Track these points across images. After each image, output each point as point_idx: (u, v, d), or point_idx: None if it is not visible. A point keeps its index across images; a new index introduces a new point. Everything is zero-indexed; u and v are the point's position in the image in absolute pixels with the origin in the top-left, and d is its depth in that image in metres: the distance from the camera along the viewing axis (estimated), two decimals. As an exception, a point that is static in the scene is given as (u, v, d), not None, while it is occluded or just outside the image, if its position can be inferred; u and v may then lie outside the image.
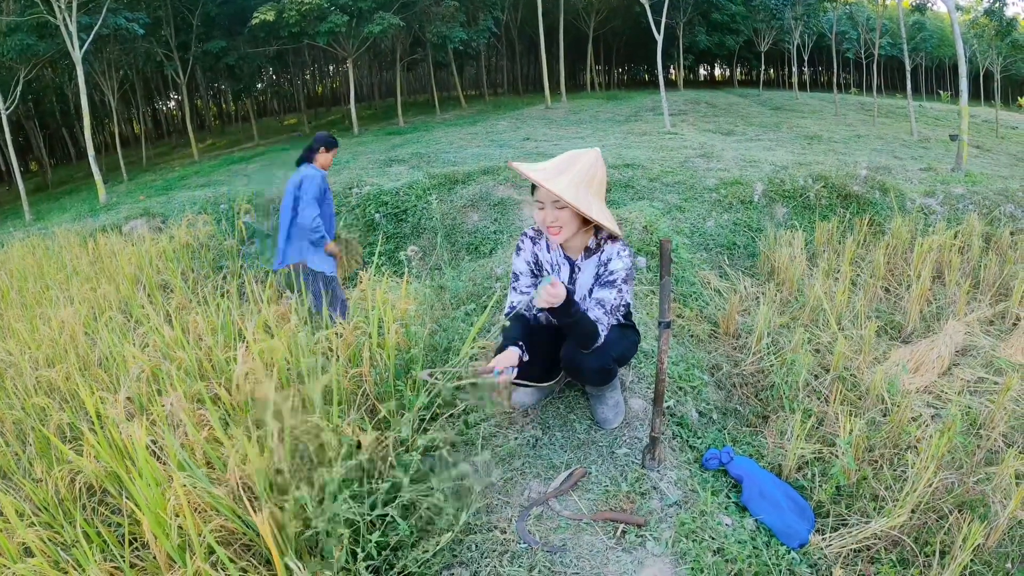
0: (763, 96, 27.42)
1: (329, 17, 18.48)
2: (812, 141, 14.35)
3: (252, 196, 9.17)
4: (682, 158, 9.99)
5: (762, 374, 4.20)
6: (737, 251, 6.73)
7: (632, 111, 20.25)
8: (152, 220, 9.77)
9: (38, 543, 2.34)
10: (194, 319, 3.90)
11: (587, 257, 2.84)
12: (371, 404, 3.06)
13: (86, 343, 4.58)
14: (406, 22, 21.18)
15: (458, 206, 8.08)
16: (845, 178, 7.97)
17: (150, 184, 17.29)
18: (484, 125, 18.68)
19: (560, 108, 22.52)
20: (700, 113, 20.01)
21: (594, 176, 2.68)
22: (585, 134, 15.34)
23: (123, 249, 7.61)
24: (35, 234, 11.15)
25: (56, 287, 6.67)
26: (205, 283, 6.75)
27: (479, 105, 28.23)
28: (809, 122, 18.90)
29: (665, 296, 2.52)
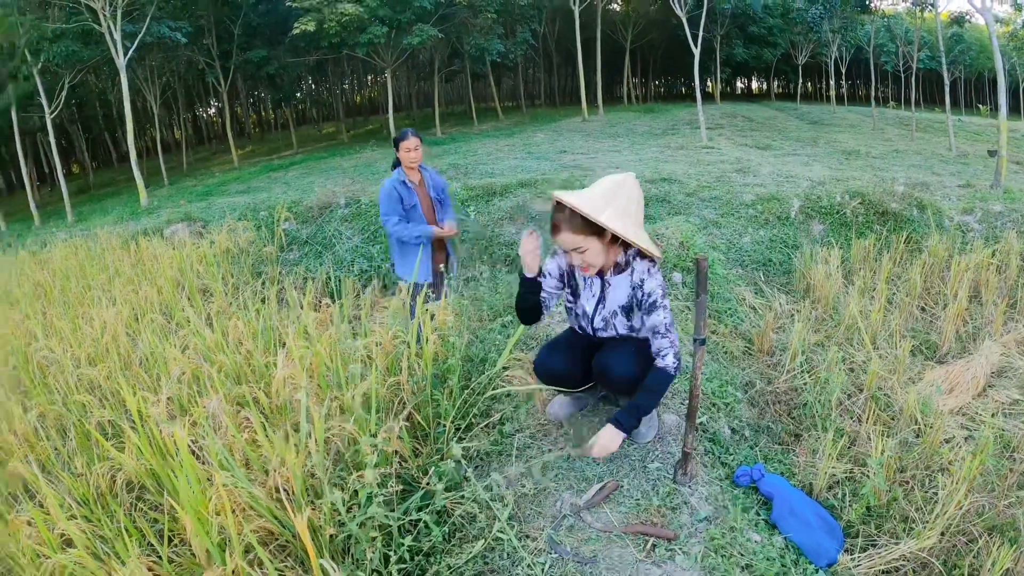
0: (801, 110, 27.23)
1: (369, 28, 18.67)
2: (850, 156, 14.21)
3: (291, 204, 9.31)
4: (719, 173, 9.96)
5: (795, 392, 4.18)
6: (773, 268, 6.69)
7: (669, 124, 20.21)
8: (193, 225, 9.94)
9: (79, 535, 2.40)
10: (234, 323, 3.98)
11: (617, 273, 2.86)
12: (408, 412, 3.10)
13: (127, 343, 4.68)
14: (444, 34, 21.35)
15: (495, 218, 8.13)
16: (882, 195, 7.88)
17: (190, 189, 17.60)
18: (521, 137, 18.75)
19: (597, 121, 22.53)
20: (737, 127, 19.91)
21: (636, 203, 2.71)
22: (622, 147, 15.34)
23: (164, 252, 7.76)
24: (77, 235, 11.41)
25: (98, 287, 6.82)
26: (244, 288, 6.87)
27: (516, 116, 28.34)
28: (847, 137, 18.71)
29: (701, 313, 2.54)
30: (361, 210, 8.65)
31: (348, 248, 7.99)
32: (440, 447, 2.95)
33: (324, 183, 11.93)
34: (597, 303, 2.94)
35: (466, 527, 2.56)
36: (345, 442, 2.71)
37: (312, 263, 7.88)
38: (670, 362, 2.74)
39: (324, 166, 17.34)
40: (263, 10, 23.24)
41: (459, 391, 3.16)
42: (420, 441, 3.07)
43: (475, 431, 3.11)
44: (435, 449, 2.97)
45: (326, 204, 9.03)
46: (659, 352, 2.76)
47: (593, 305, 2.96)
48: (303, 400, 2.44)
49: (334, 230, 8.43)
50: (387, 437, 2.64)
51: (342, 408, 2.87)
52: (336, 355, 3.16)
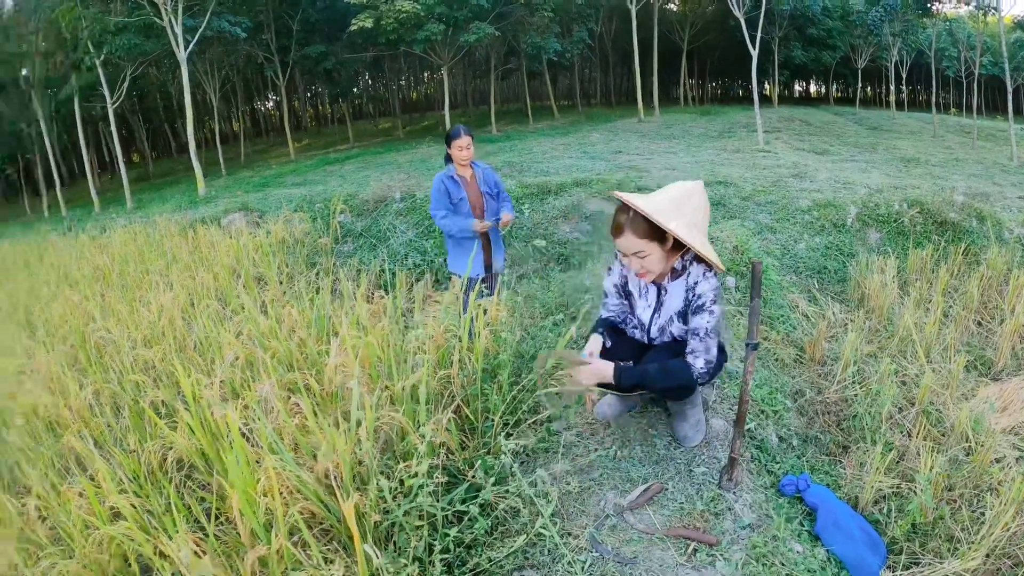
0: (859, 115, 26.65)
1: (426, 26, 18.83)
2: (909, 164, 13.88)
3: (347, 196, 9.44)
4: (775, 177, 9.82)
5: (845, 403, 4.10)
6: (827, 275, 6.56)
7: (725, 127, 19.97)
8: (250, 214, 10.13)
9: (128, 508, 2.47)
10: (288, 311, 4.05)
11: (674, 279, 2.81)
12: (457, 405, 3.13)
13: (183, 327, 4.81)
14: (501, 32, 21.41)
15: (550, 216, 8.13)
16: (941, 204, 7.69)
17: (247, 180, 17.94)
18: (576, 136, 18.71)
19: (653, 122, 22.39)
20: (794, 131, 19.59)
21: (704, 213, 2.66)
22: (677, 149, 15.21)
23: (221, 241, 7.94)
24: (136, 221, 11.73)
25: (156, 272, 7.00)
26: (299, 278, 6.98)
27: (572, 116, 28.29)
28: (906, 144, 18.28)
29: (754, 318, 2.52)
30: (416, 205, 8.73)
31: (402, 242, 8.07)
32: (487, 441, 2.97)
33: (379, 177, 12.05)
34: (653, 313, 2.92)
35: (509, 521, 2.58)
36: (394, 432, 2.74)
37: (366, 255, 7.97)
38: (699, 365, 2.69)
39: (380, 161, 17.52)
40: (321, 6, 23.59)
41: (509, 387, 3.18)
42: (467, 434, 3.09)
43: (523, 427, 3.13)
44: (482, 443, 3.00)
45: (381, 198, 9.13)
46: (692, 352, 2.71)
47: (649, 315, 2.94)
48: (355, 388, 2.48)
49: (388, 224, 8.52)
50: (436, 429, 2.68)
51: (392, 398, 2.91)
52: (388, 346, 3.20)
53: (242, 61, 26.74)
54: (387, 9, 18.34)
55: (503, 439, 2.61)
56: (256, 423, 2.76)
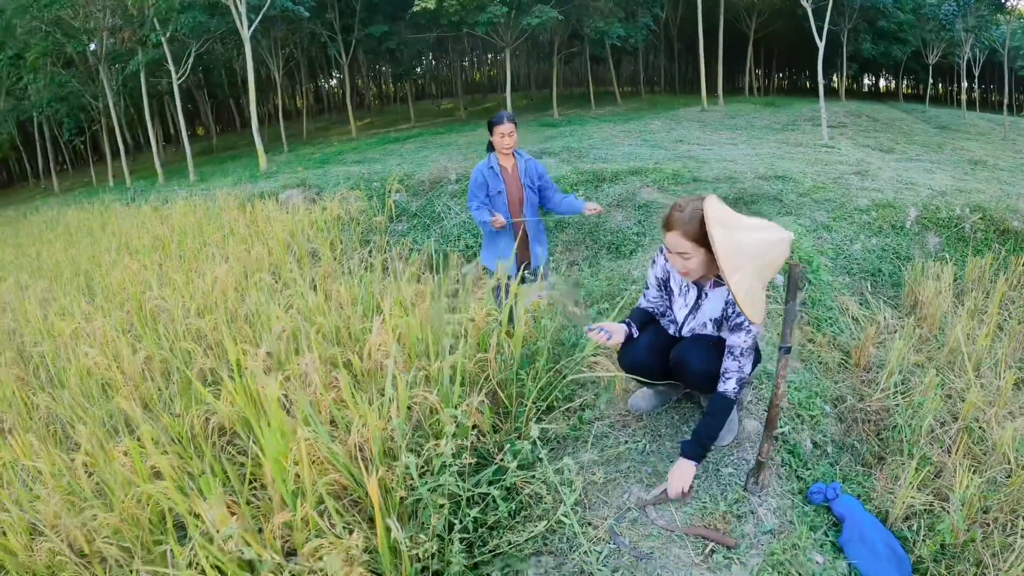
0: (928, 113, 25.79)
1: (488, 8, 18.79)
2: (975, 166, 13.39)
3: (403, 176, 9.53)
4: (836, 174, 9.62)
5: (886, 412, 4.02)
6: (881, 278, 6.41)
7: (789, 119, 19.55)
8: (308, 191, 10.32)
9: (168, 469, 2.58)
10: (336, 288, 4.15)
11: (716, 286, 2.81)
12: (492, 389, 3.18)
13: (235, 299, 4.94)
14: (564, 15, 21.24)
15: (603, 204, 8.09)
16: (1004, 211, 7.44)
17: (308, 157, 18.20)
18: (638, 123, 18.51)
19: (716, 111, 22.03)
20: (860, 127, 19.07)
21: (775, 268, 2.57)
22: (739, 140, 14.98)
23: (278, 216, 8.12)
24: (198, 194, 12.03)
25: (213, 245, 7.20)
26: (352, 255, 7.11)
27: (635, 102, 27.98)
28: (974, 145, 17.62)
29: (789, 321, 2.50)
30: (472, 187, 8.82)
31: (456, 223, 8.15)
32: (519, 426, 3.02)
33: (438, 158, 12.15)
34: (689, 313, 2.94)
35: (532, 507, 2.63)
36: (427, 411, 2.81)
37: (420, 235, 8.08)
38: (731, 387, 2.71)
39: (439, 141, 17.59)
40: (385, -14, 23.74)
41: (544, 372, 3.22)
42: (501, 418, 3.14)
43: (555, 414, 3.17)
44: (514, 427, 3.05)
45: (437, 179, 9.23)
46: (724, 373, 2.73)
47: (684, 314, 2.97)
48: (390, 367, 2.55)
49: (443, 205, 8.61)
50: (467, 411, 2.73)
51: (428, 378, 2.98)
52: (427, 327, 3.26)
53: (306, 39, 27.04)
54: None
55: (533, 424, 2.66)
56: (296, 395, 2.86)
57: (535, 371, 3.20)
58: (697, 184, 8.57)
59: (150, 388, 3.84)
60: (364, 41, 25.36)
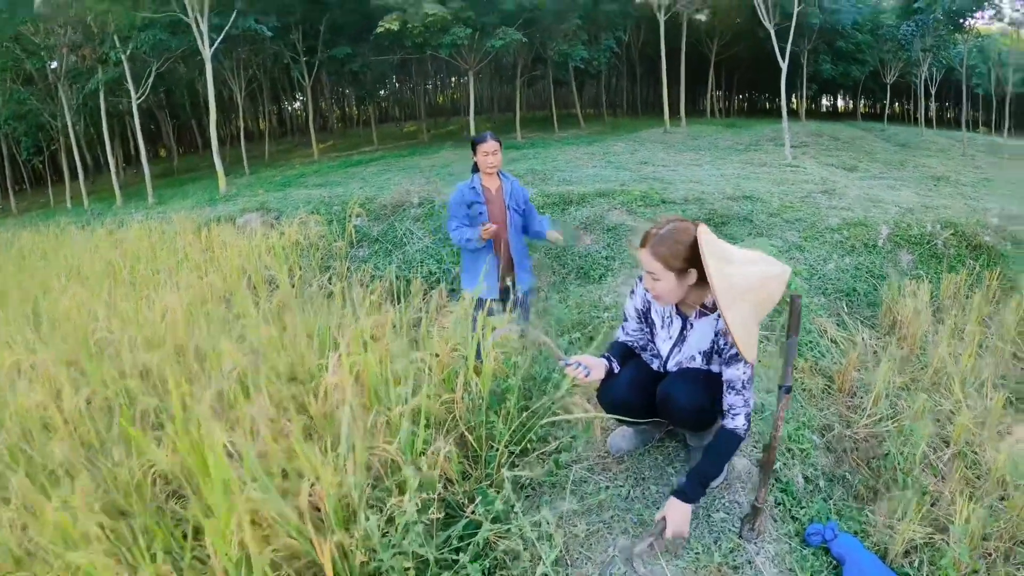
0: (888, 131, 26.11)
1: (452, 30, 18.69)
2: (938, 182, 13.53)
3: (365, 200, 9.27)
4: (803, 193, 9.56)
5: (875, 439, 3.84)
6: (857, 298, 6.28)
7: (752, 140, 19.63)
8: (267, 215, 10.02)
9: (98, 532, 2.28)
10: (291, 320, 3.87)
11: (702, 315, 2.61)
12: (460, 431, 2.92)
13: (185, 331, 4.63)
14: (528, 38, 21.22)
15: (570, 228, 7.91)
16: (975, 226, 7.40)
17: (270, 179, 17.89)
18: (601, 146, 18.45)
19: (679, 133, 22.09)
20: (822, 146, 19.22)
21: (772, 303, 2.40)
22: (703, 161, 14.94)
23: (234, 241, 7.80)
24: (154, 217, 11.66)
25: (166, 272, 6.86)
26: (311, 282, 6.82)
27: (597, 125, 28.03)
28: (935, 162, 17.89)
29: (790, 357, 2.30)
30: (433, 211, 8.56)
31: (418, 248, 7.90)
32: (491, 472, 2.77)
33: (400, 181, 11.94)
34: (673, 346, 2.73)
35: (508, 565, 2.37)
36: (388, 462, 2.54)
37: (381, 261, 7.80)
38: (740, 424, 2.51)
39: (402, 164, 17.39)
40: (349, 8, 23.50)
41: (516, 413, 2.97)
42: (470, 463, 2.89)
43: (530, 458, 2.91)
44: (485, 474, 2.79)
45: (399, 203, 8.97)
46: (730, 410, 2.53)
47: (669, 348, 2.75)
48: (345, 417, 2.29)
49: (405, 229, 8.36)
50: (433, 461, 2.48)
51: (389, 423, 2.71)
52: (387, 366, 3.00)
53: (269, 60, 26.74)
54: (414, 12, 18.22)
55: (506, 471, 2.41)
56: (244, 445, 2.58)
57: (506, 411, 2.95)
58: (667, 206, 8.42)
59: (90, 430, 3.52)
60: (327, 63, 25.13)
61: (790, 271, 2.39)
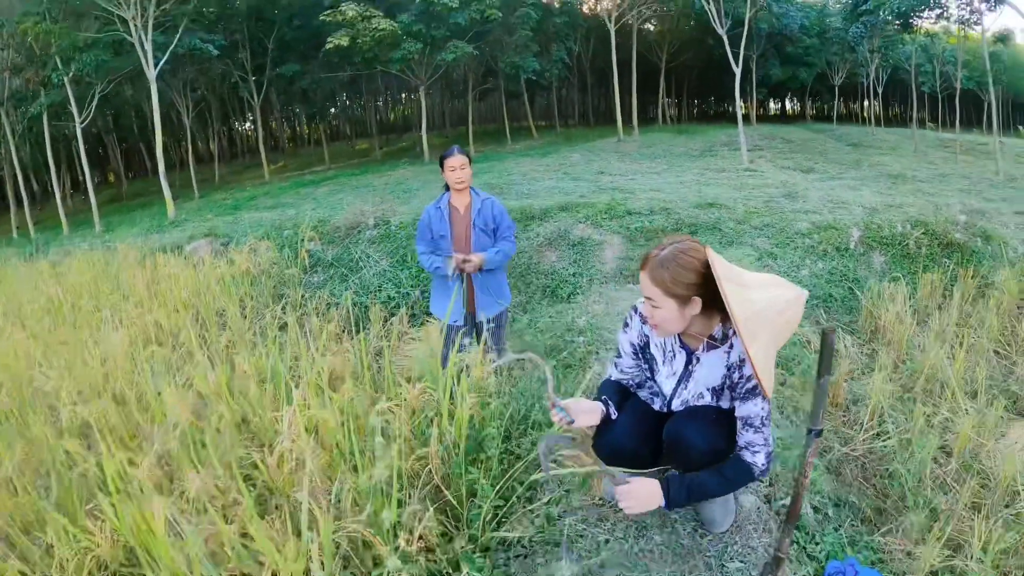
0: (838, 131, 26.45)
1: (402, 44, 18.42)
2: (896, 180, 13.59)
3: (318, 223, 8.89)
4: (766, 197, 9.43)
5: (874, 456, 3.61)
6: (835, 304, 6.10)
7: (706, 146, 19.65)
8: (216, 241, 9.60)
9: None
10: (240, 363, 3.51)
11: (710, 348, 2.30)
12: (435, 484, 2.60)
13: (126, 378, 4.23)
14: (479, 51, 21.04)
15: (534, 245, 7.62)
16: (945, 224, 7.29)
17: (220, 203, 17.41)
18: (556, 157, 18.29)
19: (633, 141, 22.04)
20: (777, 149, 19.31)
21: (791, 330, 2.17)
22: (660, 169, 14.84)
23: (180, 272, 7.37)
24: (98, 248, 11.13)
25: (109, 307, 6.43)
26: (264, 313, 6.46)
27: (550, 136, 27.94)
28: (889, 159, 18.06)
29: (820, 399, 2.03)
30: (390, 232, 8.21)
31: (375, 272, 7.54)
32: (475, 533, 2.45)
33: (353, 201, 11.59)
34: (678, 383, 2.41)
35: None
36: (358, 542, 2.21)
37: (337, 287, 7.43)
38: (760, 462, 2.26)
39: (355, 183, 17.03)
40: (297, 24, 23.13)
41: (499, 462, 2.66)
42: (452, 521, 2.56)
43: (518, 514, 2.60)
44: (468, 535, 2.47)
45: (353, 224, 8.60)
46: (748, 447, 2.27)
47: (673, 385, 2.43)
48: (304, 491, 1.96)
49: (361, 252, 7.99)
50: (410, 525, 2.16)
51: (356, 490, 2.36)
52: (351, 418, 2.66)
53: (217, 80, 26.18)
54: (363, 27, 17.90)
55: (492, 531, 2.10)
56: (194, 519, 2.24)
57: (486, 460, 2.63)
58: (632, 217, 8.19)
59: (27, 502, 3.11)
60: (276, 81, 24.70)
61: (807, 294, 2.12)
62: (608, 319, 5.38)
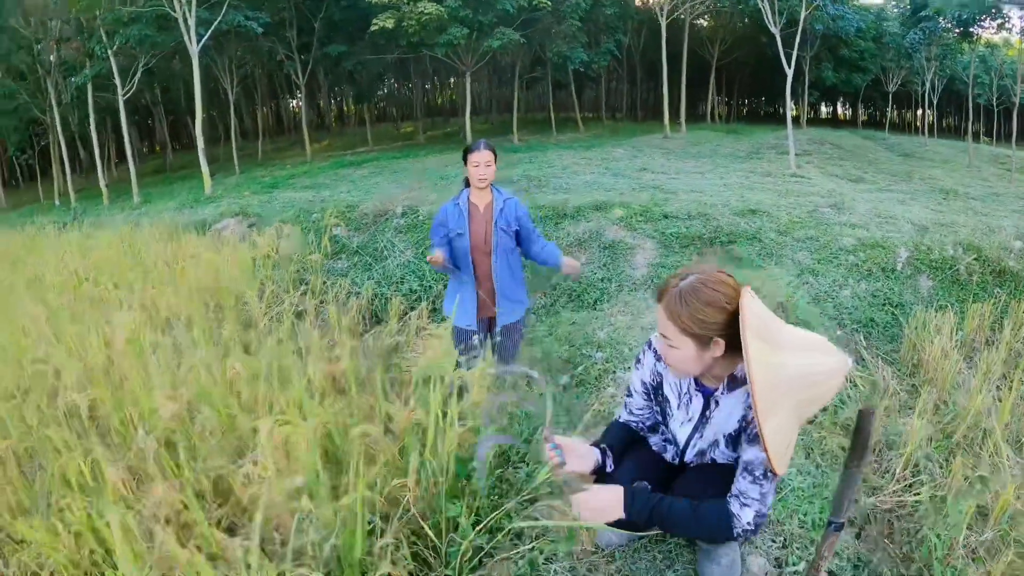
0: (889, 140, 25.68)
1: (449, 29, 18.20)
2: (947, 196, 13.07)
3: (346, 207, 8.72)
4: (811, 206, 9.06)
5: (903, 510, 3.29)
6: (876, 330, 5.74)
7: (753, 147, 19.15)
8: (246, 219, 9.52)
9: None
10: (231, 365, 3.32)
11: (731, 389, 2.02)
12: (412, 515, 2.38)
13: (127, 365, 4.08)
14: (527, 39, 20.75)
15: (563, 245, 7.35)
16: (998, 249, 6.88)
17: (259, 180, 17.43)
18: (600, 151, 17.95)
19: (679, 138, 21.62)
20: (825, 155, 18.75)
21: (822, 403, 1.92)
22: (705, 169, 14.46)
23: (204, 252, 7.26)
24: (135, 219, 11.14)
25: (125, 287, 6.32)
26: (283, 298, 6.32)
27: (596, 128, 27.57)
28: (941, 173, 17.45)
29: (848, 487, 1.76)
30: (418, 221, 8.01)
31: (399, 263, 7.36)
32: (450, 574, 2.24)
33: (389, 185, 11.44)
34: (694, 430, 2.14)
35: None
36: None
37: (360, 276, 7.27)
38: (745, 517, 1.92)
39: (395, 167, 16.90)
40: (345, 4, 23.03)
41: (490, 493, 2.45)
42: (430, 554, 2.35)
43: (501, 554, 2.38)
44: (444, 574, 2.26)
45: (382, 211, 8.42)
46: (741, 495, 1.93)
47: (688, 432, 2.16)
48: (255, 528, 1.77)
49: (387, 241, 7.81)
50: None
51: (321, 523, 2.16)
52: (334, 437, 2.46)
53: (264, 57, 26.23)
54: (409, 10, 17.72)
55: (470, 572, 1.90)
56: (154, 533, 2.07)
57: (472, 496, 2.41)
58: (668, 221, 7.89)
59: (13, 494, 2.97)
60: (322, 60, 24.66)
61: (851, 363, 1.86)
62: (631, 334, 5.11)
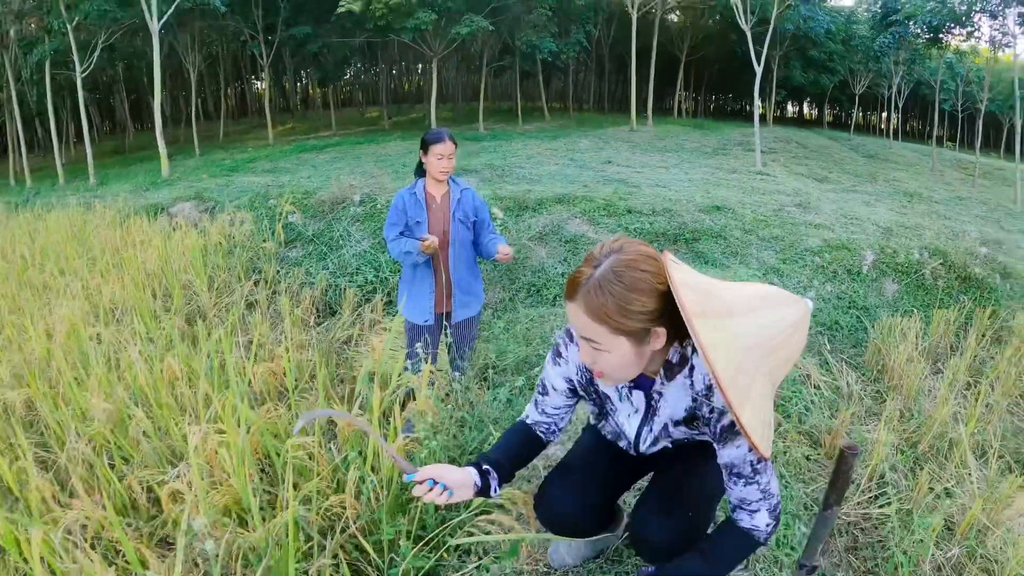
0: (854, 141, 25.89)
1: (416, 13, 17.93)
2: (912, 199, 13.23)
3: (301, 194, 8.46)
4: (776, 205, 9.01)
5: (869, 522, 3.19)
6: (840, 334, 5.66)
7: (719, 143, 19.15)
8: (201, 204, 9.22)
9: None
10: (168, 364, 3.12)
11: (670, 378, 1.67)
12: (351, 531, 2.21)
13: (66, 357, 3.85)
14: (496, 27, 20.54)
15: (524, 238, 7.18)
16: (964, 255, 6.85)
17: (218, 163, 17.11)
18: (565, 141, 17.84)
19: (645, 132, 21.57)
20: (791, 153, 18.83)
21: (794, 362, 1.63)
22: (670, 164, 14.38)
23: (152, 239, 6.98)
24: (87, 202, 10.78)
25: (71, 274, 6.05)
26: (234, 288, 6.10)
27: (563, 119, 27.46)
28: (905, 176, 17.69)
29: (820, 531, 1.64)
30: (375, 211, 7.76)
31: (355, 253, 7.12)
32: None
33: (350, 171, 11.18)
34: (642, 423, 1.86)
35: None
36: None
37: (314, 265, 7.01)
38: (761, 523, 1.68)
39: (357, 152, 16.65)
40: (310, -14, 22.69)
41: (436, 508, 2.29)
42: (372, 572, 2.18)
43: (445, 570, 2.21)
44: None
45: (340, 199, 8.15)
46: (743, 504, 1.68)
47: (636, 425, 1.86)
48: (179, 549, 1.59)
49: (343, 230, 7.56)
50: None
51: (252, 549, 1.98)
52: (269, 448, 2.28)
53: (228, 37, 25.69)
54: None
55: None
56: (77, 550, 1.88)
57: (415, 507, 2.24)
58: (632, 216, 7.74)
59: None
60: (287, 42, 24.23)
61: (811, 306, 1.60)
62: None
